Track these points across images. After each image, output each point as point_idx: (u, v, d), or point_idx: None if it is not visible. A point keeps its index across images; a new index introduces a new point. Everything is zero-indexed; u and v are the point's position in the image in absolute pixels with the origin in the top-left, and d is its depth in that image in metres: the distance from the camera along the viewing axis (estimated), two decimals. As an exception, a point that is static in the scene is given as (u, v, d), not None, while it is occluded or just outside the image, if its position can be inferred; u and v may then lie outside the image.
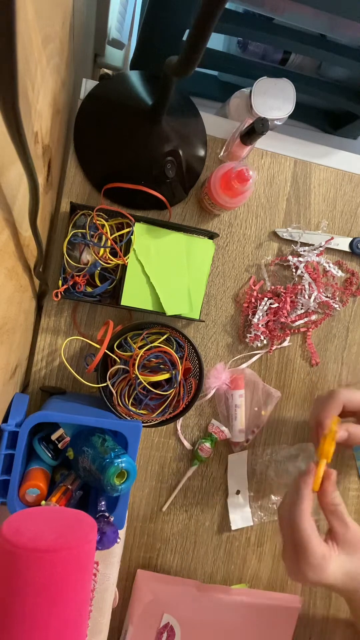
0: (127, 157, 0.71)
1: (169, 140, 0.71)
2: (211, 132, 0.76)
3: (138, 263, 0.68)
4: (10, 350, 0.56)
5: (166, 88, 0.57)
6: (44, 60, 0.46)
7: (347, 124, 1.01)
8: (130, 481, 0.56)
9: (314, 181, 0.81)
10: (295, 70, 0.91)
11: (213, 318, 0.80)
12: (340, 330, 0.84)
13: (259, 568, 0.83)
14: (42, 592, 0.37)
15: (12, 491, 0.56)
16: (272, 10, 0.64)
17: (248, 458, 0.82)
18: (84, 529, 0.42)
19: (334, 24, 0.66)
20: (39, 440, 0.63)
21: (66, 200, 0.73)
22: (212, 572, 0.82)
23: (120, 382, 0.68)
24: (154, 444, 0.79)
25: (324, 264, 0.82)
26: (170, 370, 0.68)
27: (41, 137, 0.52)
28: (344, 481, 0.86)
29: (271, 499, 0.82)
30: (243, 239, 0.80)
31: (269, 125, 0.63)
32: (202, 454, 0.78)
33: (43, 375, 0.74)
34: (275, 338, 0.81)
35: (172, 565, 0.80)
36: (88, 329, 0.75)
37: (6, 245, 0.43)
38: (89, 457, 0.58)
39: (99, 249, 0.66)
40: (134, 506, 0.78)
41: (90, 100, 0.71)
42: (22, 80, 0.38)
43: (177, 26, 0.68)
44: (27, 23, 0.35)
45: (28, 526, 0.41)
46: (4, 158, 0.36)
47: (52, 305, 0.74)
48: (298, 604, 0.81)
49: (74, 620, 0.39)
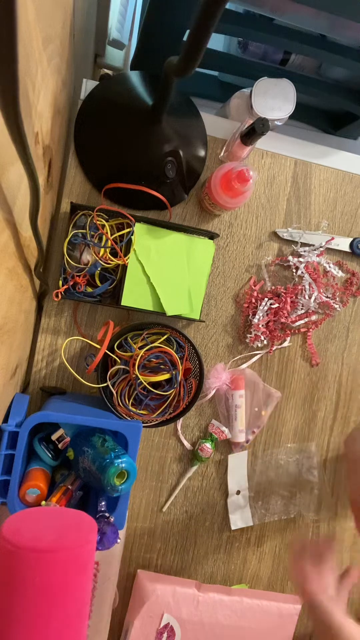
0: (128, 157, 0.71)
1: (169, 141, 0.71)
2: (211, 133, 0.76)
3: (138, 263, 0.68)
4: (10, 350, 0.56)
5: (166, 88, 0.57)
6: (45, 60, 0.46)
7: (348, 125, 1.01)
8: (130, 481, 0.56)
9: (314, 181, 0.81)
10: (296, 71, 0.91)
11: (213, 318, 0.80)
12: (341, 330, 0.84)
13: (259, 568, 0.83)
14: (42, 592, 0.37)
15: (12, 491, 0.56)
16: (273, 10, 0.64)
17: (248, 458, 0.82)
18: (84, 529, 0.42)
19: (334, 24, 0.66)
20: (39, 440, 0.63)
21: (66, 200, 0.73)
22: (212, 572, 0.82)
23: (121, 382, 0.68)
24: (154, 444, 0.79)
25: (324, 265, 0.82)
26: (170, 370, 0.68)
27: (42, 138, 0.52)
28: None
29: (271, 499, 0.83)
30: (243, 239, 0.80)
31: (269, 125, 0.63)
32: (202, 454, 0.78)
33: (43, 375, 0.74)
34: (276, 338, 0.81)
35: (172, 565, 0.80)
36: (88, 329, 0.75)
37: (7, 246, 0.43)
38: (89, 457, 0.58)
39: (99, 249, 0.66)
40: (134, 506, 0.78)
41: (90, 100, 0.71)
42: (23, 81, 0.38)
43: (177, 26, 0.68)
44: (27, 24, 0.35)
45: (28, 526, 0.41)
46: (5, 158, 0.36)
47: (53, 305, 0.74)
48: (298, 604, 0.81)
49: (74, 621, 0.39)
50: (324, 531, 0.86)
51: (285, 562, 0.84)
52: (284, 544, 0.84)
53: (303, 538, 0.81)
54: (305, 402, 0.84)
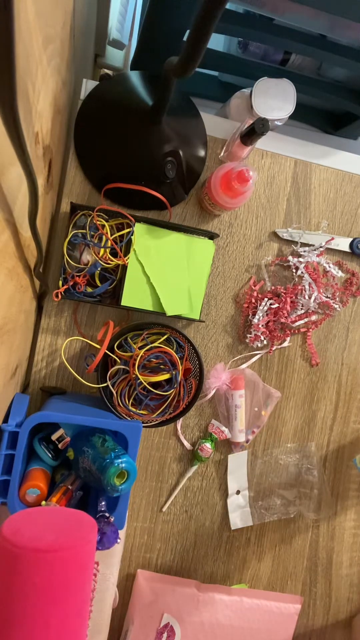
0: (128, 157, 0.71)
1: (169, 141, 0.71)
2: (211, 133, 0.76)
3: (138, 263, 0.68)
4: (10, 350, 0.56)
5: (166, 88, 0.57)
6: (45, 60, 0.46)
7: (348, 125, 1.01)
8: (130, 481, 0.56)
9: (314, 181, 0.81)
10: (296, 71, 0.91)
11: (213, 318, 0.80)
12: (341, 330, 0.84)
13: (259, 568, 0.83)
14: (42, 592, 0.37)
15: (12, 491, 0.56)
16: (273, 10, 0.64)
17: (248, 458, 0.82)
18: (84, 529, 0.42)
19: (334, 24, 0.66)
20: (39, 440, 0.63)
21: (66, 200, 0.73)
22: (212, 572, 0.82)
23: (121, 382, 0.68)
24: (154, 444, 0.79)
25: (324, 265, 0.82)
26: (170, 370, 0.68)
27: (42, 138, 0.52)
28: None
29: (271, 499, 0.83)
30: (243, 240, 0.80)
31: (269, 125, 0.63)
32: (202, 454, 0.78)
33: (43, 375, 0.74)
34: (276, 338, 0.81)
35: (172, 565, 0.80)
36: (88, 330, 0.75)
37: (7, 246, 0.43)
38: (89, 457, 0.58)
39: (99, 249, 0.66)
40: (134, 506, 0.78)
41: (90, 100, 0.71)
42: (23, 81, 0.38)
43: (177, 26, 0.68)
44: (27, 24, 0.35)
45: (28, 526, 0.41)
46: (4, 159, 0.36)
47: (53, 305, 0.74)
48: (298, 604, 0.81)
49: (74, 621, 0.39)
50: (323, 531, 0.86)
51: (285, 562, 0.84)
52: (284, 544, 0.84)
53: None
54: (305, 402, 0.84)
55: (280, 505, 0.82)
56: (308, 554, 0.85)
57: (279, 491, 0.83)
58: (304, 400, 0.84)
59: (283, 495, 0.82)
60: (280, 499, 0.82)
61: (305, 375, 0.84)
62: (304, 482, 0.83)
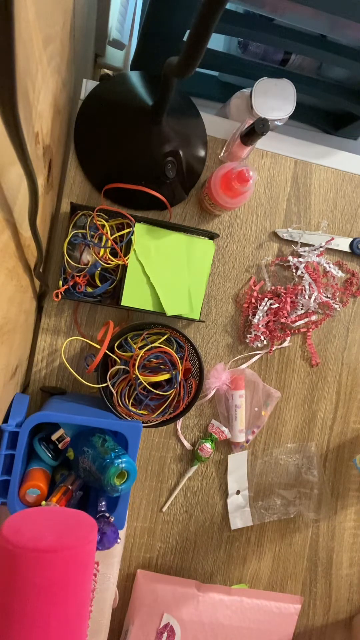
0: (128, 157, 0.72)
1: (169, 141, 0.71)
2: (211, 133, 0.76)
3: (138, 263, 0.68)
4: (10, 350, 0.56)
5: (166, 88, 0.57)
6: (45, 60, 0.46)
7: (348, 125, 1.01)
8: (130, 481, 0.56)
9: (314, 182, 0.81)
10: (296, 71, 0.91)
11: (213, 318, 0.80)
12: (341, 330, 0.84)
13: (259, 568, 0.83)
14: (42, 592, 0.37)
15: (12, 491, 0.56)
16: (273, 10, 0.64)
17: (248, 458, 0.82)
18: (84, 529, 0.43)
19: (334, 24, 0.66)
20: (39, 440, 0.63)
21: (66, 200, 0.73)
22: (212, 572, 0.82)
23: (121, 382, 0.68)
24: (154, 444, 0.79)
25: (324, 265, 0.82)
26: (170, 370, 0.68)
27: (42, 138, 0.52)
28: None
29: (271, 499, 0.83)
30: (243, 240, 0.80)
31: (269, 125, 0.63)
32: (202, 454, 0.78)
33: (43, 375, 0.74)
34: (276, 338, 0.81)
35: (172, 565, 0.80)
36: (88, 330, 0.75)
37: (7, 246, 0.43)
38: (89, 457, 0.58)
39: (100, 249, 0.66)
40: (134, 506, 0.78)
41: (90, 100, 0.71)
42: (23, 81, 0.38)
43: (177, 26, 0.68)
44: (27, 24, 0.35)
45: (28, 526, 0.41)
46: (4, 159, 0.36)
47: (53, 305, 0.74)
48: (298, 604, 0.81)
49: (74, 621, 0.39)
50: (323, 531, 0.86)
51: (285, 562, 0.84)
52: (284, 544, 0.84)
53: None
54: (305, 402, 0.84)
55: (280, 505, 0.82)
56: (308, 554, 0.85)
57: (279, 491, 0.83)
58: (304, 400, 0.84)
59: (283, 495, 0.83)
60: (280, 499, 0.82)
61: (305, 375, 0.84)
62: (304, 482, 0.83)
